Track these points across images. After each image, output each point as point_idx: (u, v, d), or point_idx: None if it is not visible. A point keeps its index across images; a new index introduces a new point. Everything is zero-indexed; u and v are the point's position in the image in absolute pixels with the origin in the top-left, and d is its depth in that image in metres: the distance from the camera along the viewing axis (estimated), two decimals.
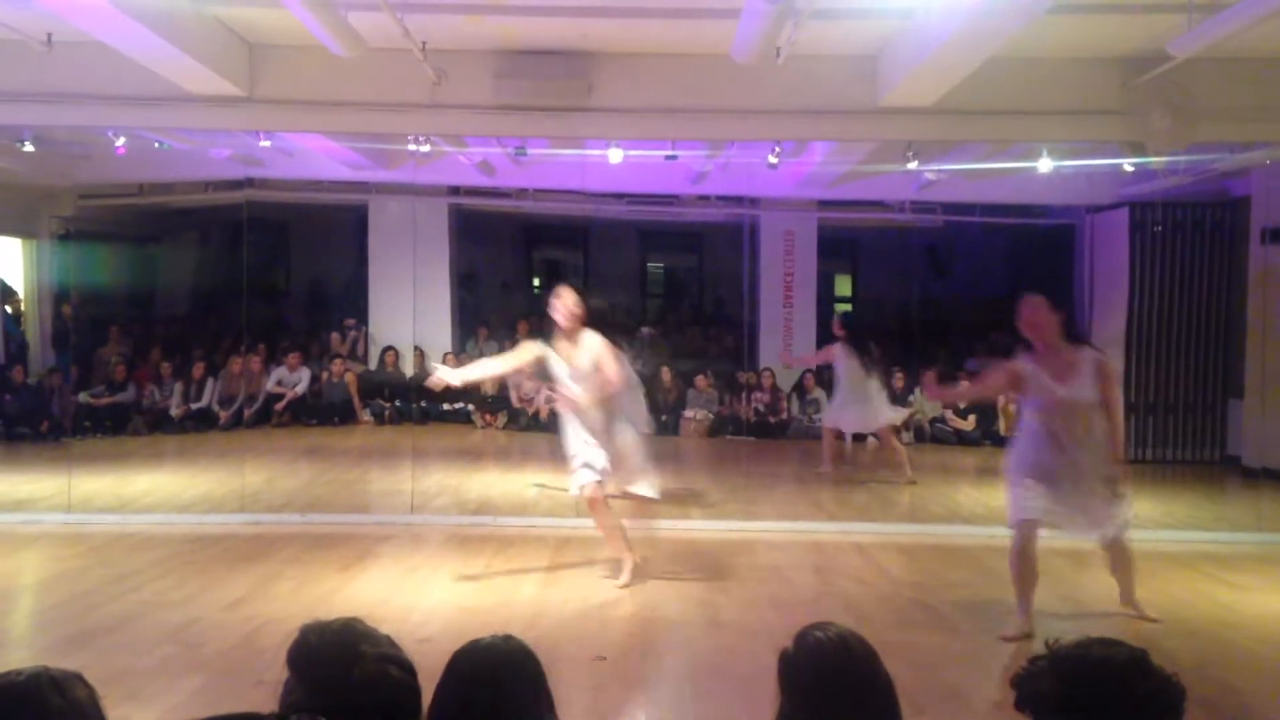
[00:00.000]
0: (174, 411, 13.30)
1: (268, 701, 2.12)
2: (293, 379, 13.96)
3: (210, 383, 13.63)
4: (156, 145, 11.30)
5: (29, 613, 6.05)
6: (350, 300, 15.66)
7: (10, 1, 6.93)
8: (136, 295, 16.26)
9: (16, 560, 7.14)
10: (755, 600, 6.26)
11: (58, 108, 8.64)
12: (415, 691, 2.18)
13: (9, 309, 13.84)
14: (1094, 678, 1.89)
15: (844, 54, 8.28)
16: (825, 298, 16.45)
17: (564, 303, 6.25)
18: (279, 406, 13.69)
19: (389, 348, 14.49)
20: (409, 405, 14.05)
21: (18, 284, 14.11)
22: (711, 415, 13.59)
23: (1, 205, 12.82)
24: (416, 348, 14.30)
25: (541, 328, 14.77)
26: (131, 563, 6.86)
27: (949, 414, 13.45)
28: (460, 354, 14.42)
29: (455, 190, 14.53)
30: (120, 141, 10.74)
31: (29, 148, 10.38)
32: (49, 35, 7.68)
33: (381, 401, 14.07)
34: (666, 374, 13.84)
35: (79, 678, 1.89)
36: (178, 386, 13.49)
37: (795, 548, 7.75)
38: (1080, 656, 1.92)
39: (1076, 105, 8.33)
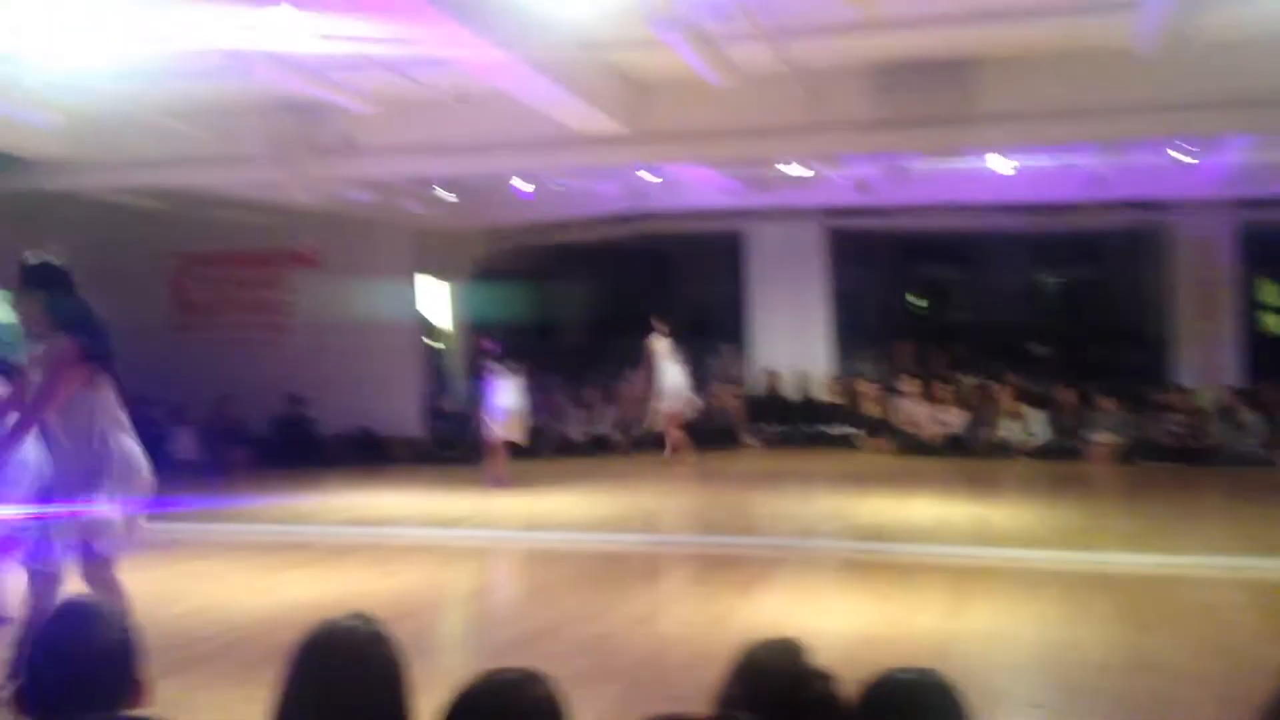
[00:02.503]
0: (576, 436, 14.09)
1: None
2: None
3: (608, 409, 14.33)
4: (555, 186, 12.13)
5: (461, 621, 6.57)
6: (729, 325, 15.97)
7: (430, 64, 7.64)
8: (539, 327, 17.50)
9: (451, 572, 7.80)
10: (1190, 643, 5.62)
11: (470, 157, 9.49)
12: (846, 712, 2.17)
13: (437, 344, 15.30)
14: None
15: (1262, 37, 7.38)
16: (1249, 307, 14.78)
17: None
18: None
19: (770, 370, 14.61)
20: (793, 428, 14.07)
21: (443, 321, 15.61)
22: (1121, 439, 12.46)
23: (427, 250, 14.20)
24: (800, 371, 14.33)
25: (925, 349, 14.36)
26: (547, 577, 7.29)
27: None
28: (840, 376, 14.33)
29: (830, 211, 14.44)
30: (524, 185, 11.62)
31: (449, 196, 11.44)
32: (463, 92, 8.41)
33: (765, 424, 14.18)
34: (1067, 394, 12.92)
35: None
36: (578, 413, 14.30)
37: (1229, 586, 6.92)
38: None
39: None
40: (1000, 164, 10.17)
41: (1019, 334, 16.36)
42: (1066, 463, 12.24)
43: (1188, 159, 9.76)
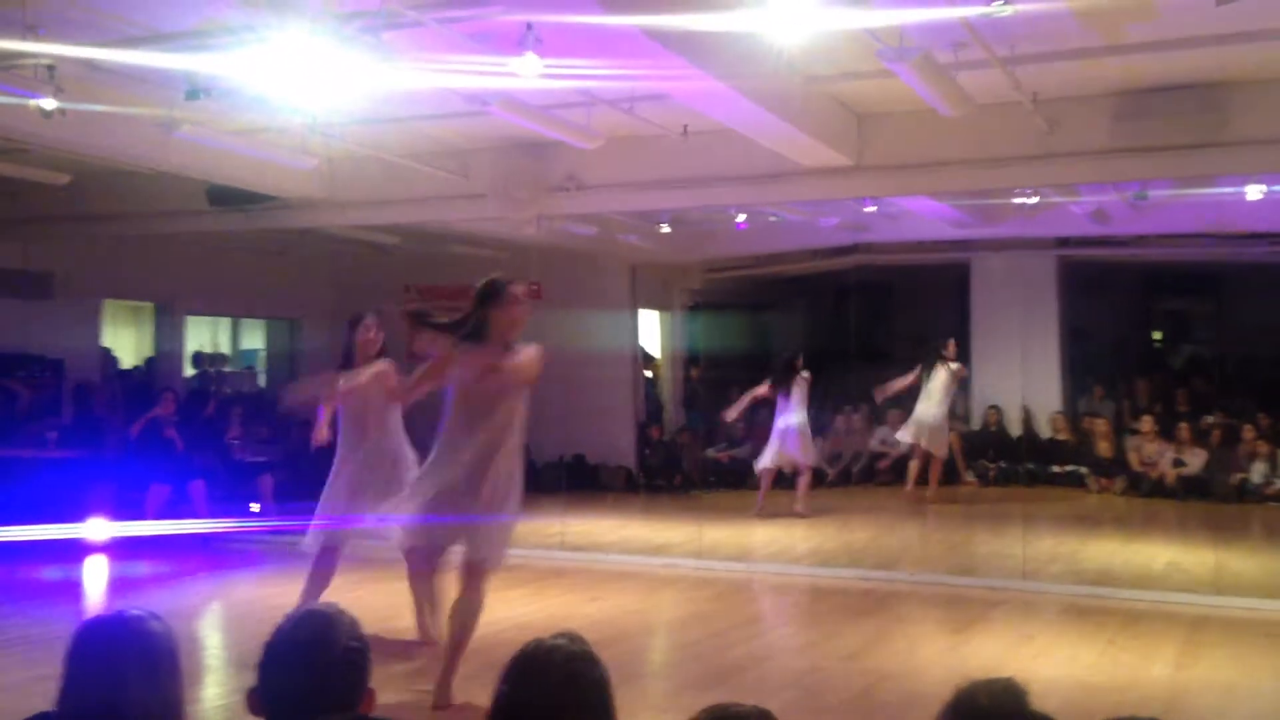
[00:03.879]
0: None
1: None
2: (896, 438, 14.11)
3: (819, 441, 14.20)
4: (771, 219, 12.17)
5: (670, 648, 6.67)
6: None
7: (654, 101, 7.86)
8: (754, 359, 17.53)
9: (657, 599, 7.92)
10: None
11: (691, 191, 9.65)
12: None
13: (648, 374, 15.60)
14: None
15: None
16: None
17: None
18: (882, 464, 13.91)
19: (992, 406, 14.14)
20: (1015, 466, 13.56)
21: (655, 351, 15.89)
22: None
23: (643, 281, 14.52)
24: (1024, 407, 13.80)
25: (1165, 385, 13.55)
26: (756, 609, 7.33)
27: None
28: (1070, 413, 13.73)
29: (1064, 241, 13.87)
30: (741, 217, 11.72)
31: (666, 229, 11.68)
32: (685, 127, 8.60)
33: (986, 462, 13.73)
34: None
35: None
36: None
37: None
38: None
39: None
40: (1251, 190, 9.55)
41: (1269, 370, 15.21)
42: None
43: None
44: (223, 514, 10.28)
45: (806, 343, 17.92)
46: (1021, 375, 13.92)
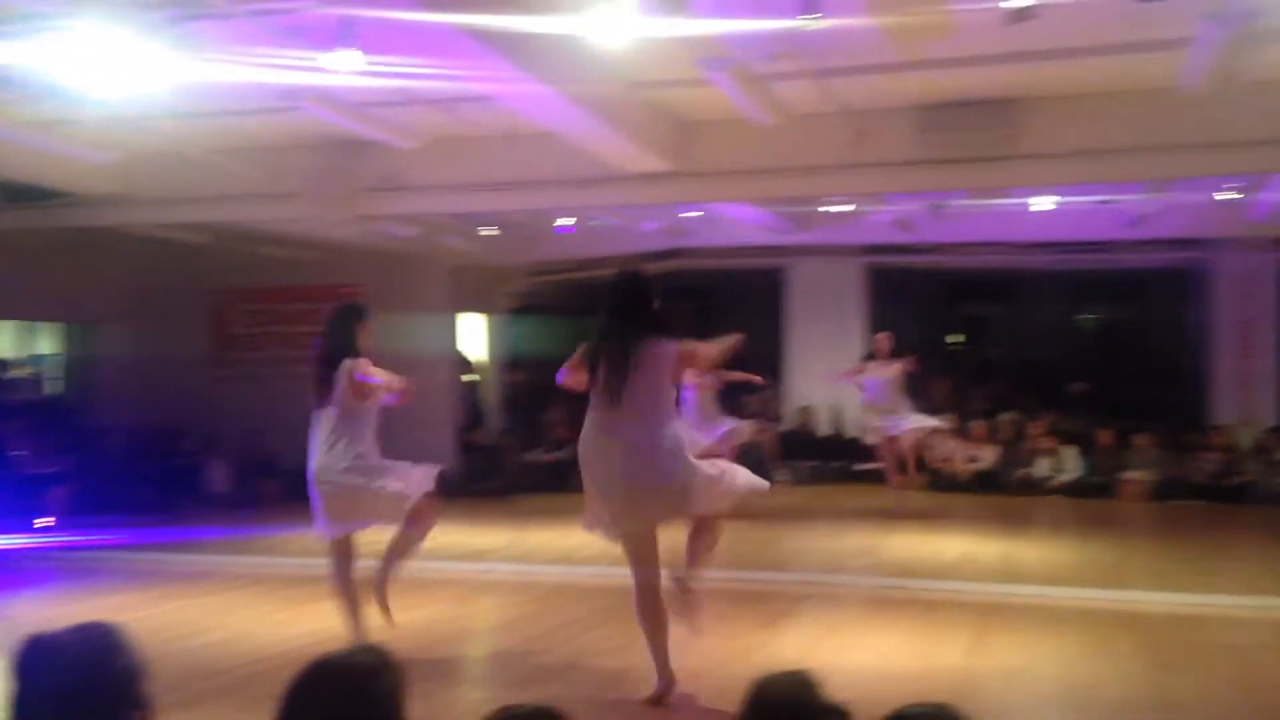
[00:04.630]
0: None
1: None
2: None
3: None
4: (594, 223, 12.26)
5: (486, 654, 6.64)
6: (766, 361, 15.99)
7: (477, 102, 7.81)
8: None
9: (474, 606, 7.86)
10: (1214, 683, 5.58)
11: (514, 194, 9.63)
12: None
13: (469, 377, 15.46)
14: None
15: None
16: None
17: None
18: None
19: (803, 407, 14.63)
20: (825, 464, 14.06)
21: (477, 355, 15.76)
22: (1155, 477, 12.39)
23: (465, 284, 14.38)
24: (833, 408, 14.33)
25: (963, 386, 14.26)
26: (573, 611, 7.33)
27: None
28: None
29: (871, 249, 14.49)
30: (563, 221, 11.77)
31: (488, 231, 11.61)
32: (508, 130, 8.58)
33: (797, 461, 14.18)
34: (1103, 431, 12.86)
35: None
36: None
37: (1258, 626, 6.84)
38: None
39: None
40: (1042, 202, 10.19)
41: (1057, 371, 16.28)
42: (1099, 500, 12.19)
43: (1231, 197, 9.74)
44: (7, 529, 9.70)
45: None
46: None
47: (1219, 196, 9.77)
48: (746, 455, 13.67)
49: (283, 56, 6.27)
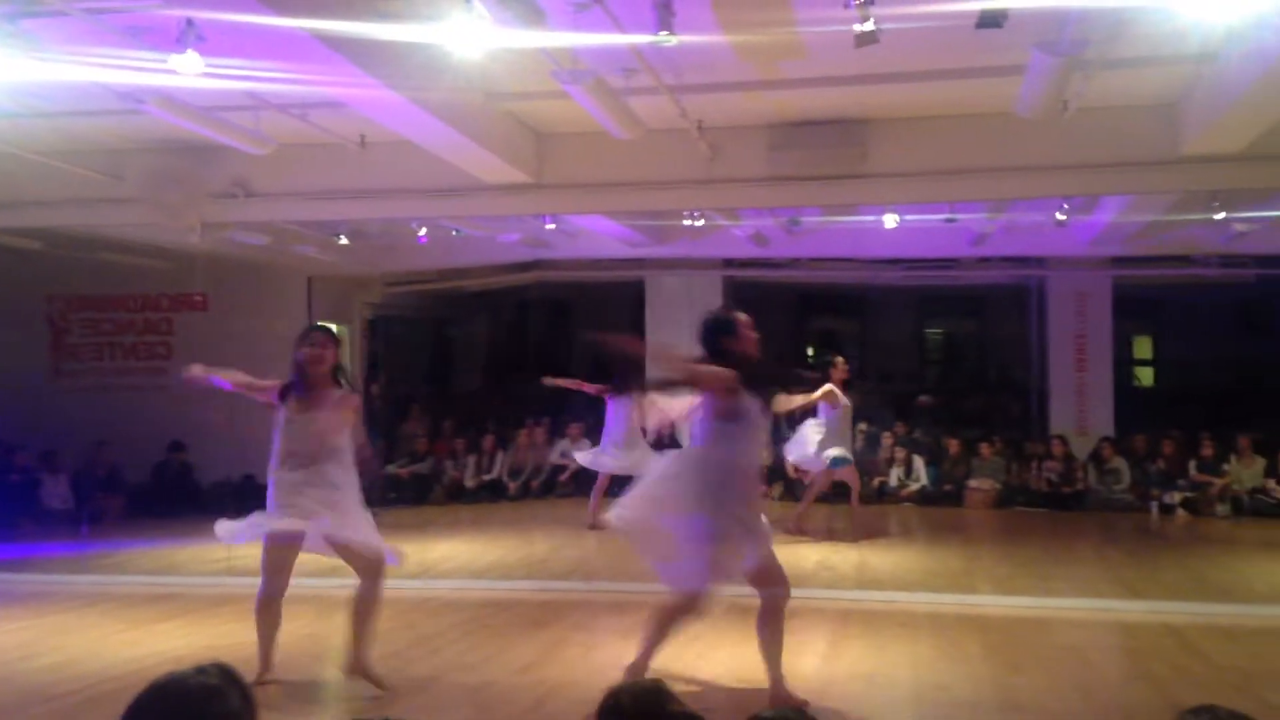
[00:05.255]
0: (468, 482, 14.04)
1: None
2: (575, 450, 14.44)
3: (500, 455, 14.31)
4: (453, 233, 12.14)
5: (339, 673, 6.45)
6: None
7: (330, 109, 7.66)
8: (434, 373, 17.39)
9: (331, 622, 7.64)
10: (1055, 684, 5.83)
11: (369, 202, 9.46)
12: None
13: None
14: None
15: (1139, 103, 7.87)
16: (1123, 360, 15.45)
17: None
18: (563, 478, 14.19)
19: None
20: None
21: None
22: (999, 485, 12.95)
23: (320, 294, 14.05)
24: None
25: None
26: (433, 626, 7.22)
27: (1270, 483, 12.24)
28: None
29: (729, 262, 14.73)
30: (422, 231, 11.61)
31: (344, 241, 11.37)
32: (362, 137, 8.43)
33: None
34: (953, 443, 13.36)
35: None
36: (471, 459, 14.25)
37: (1097, 627, 7.20)
38: None
39: None
40: (888, 219, 10.52)
41: (906, 384, 16.84)
42: (946, 508, 12.66)
43: (1064, 218, 10.24)
44: None
45: (488, 357, 18.05)
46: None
47: (1058, 216, 10.25)
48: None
49: (122, 57, 6.02)
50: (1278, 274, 13.46)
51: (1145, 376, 18.01)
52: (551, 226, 11.63)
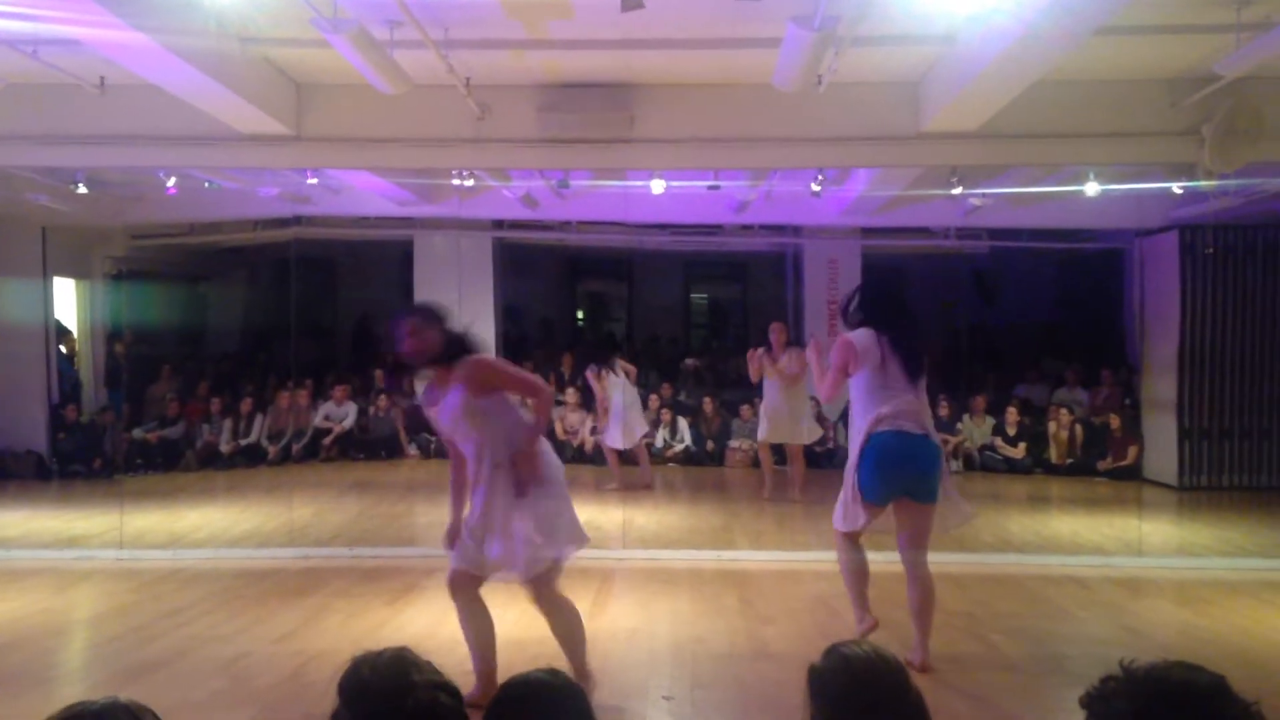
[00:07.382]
0: (224, 447, 13.45)
1: None
2: (340, 414, 14.08)
3: (259, 418, 13.77)
4: (206, 185, 11.50)
5: (83, 648, 6.10)
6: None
7: (64, 46, 7.07)
8: (187, 333, 16.50)
9: (70, 596, 7.21)
10: (803, 632, 6.18)
11: (110, 149, 8.82)
12: (464, 718, 2.17)
13: (63, 348, 14.09)
14: (1172, 701, 1.82)
15: (886, 80, 8.28)
16: None
17: None
18: (326, 441, 13.81)
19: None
20: None
21: (71, 323, 14.36)
22: (755, 445, 13.48)
23: (56, 247, 13.06)
24: None
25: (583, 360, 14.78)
26: (183, 598, 6.92)
27: (998, 441, 13.29)
28: None
29: (499, 224, 14.61)
30: (171, 182, 10.93)
31: (82, 189, 10.58)
32: (102, 79, 7.84)
33: (428, 435, 14.11)
34: (710, 405, 13.81)
35: (150, 711, 1.91)
36: (227, 423, 13.65)
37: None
38: (1159, 678, 1.86)
39: (1124, 127, 8.25)
40: (655, 185, 10.69)
41: (673, 347, 17.24)
42: (709, 468, 13.12)
43: (818, 188, 10.70)
44: None
45: (245, 316, 17.25)
46: None
47: (813, 187, 10.69)
48: (376, 429, 13.53)
49: None
50: (1007, 245, 14.56)
51: None
52: (313, 181, 11.19)
